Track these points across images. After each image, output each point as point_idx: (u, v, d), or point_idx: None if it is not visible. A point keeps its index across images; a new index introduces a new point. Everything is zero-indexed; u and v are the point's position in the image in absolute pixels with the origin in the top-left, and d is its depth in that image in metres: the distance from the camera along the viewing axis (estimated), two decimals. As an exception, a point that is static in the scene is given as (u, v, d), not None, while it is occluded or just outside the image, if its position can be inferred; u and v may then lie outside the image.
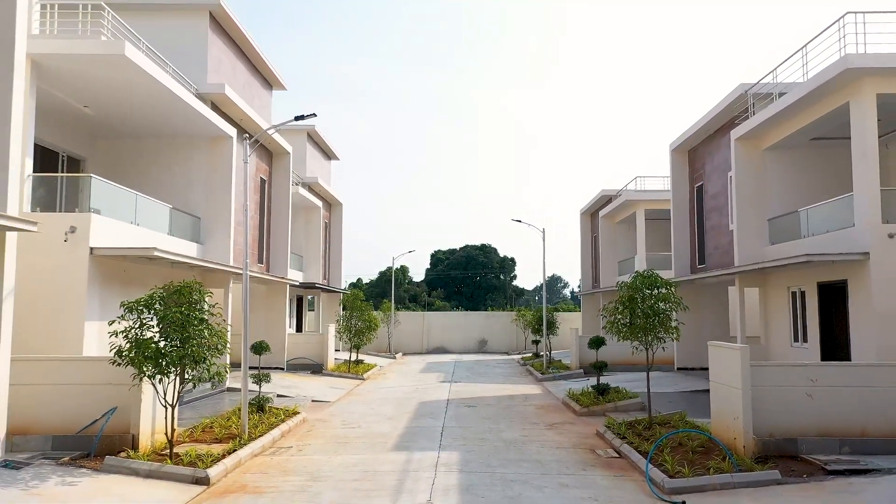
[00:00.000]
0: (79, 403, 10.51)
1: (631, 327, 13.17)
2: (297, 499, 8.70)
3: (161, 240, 15.79)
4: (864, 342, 14.02)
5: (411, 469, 10.35)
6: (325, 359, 24.91)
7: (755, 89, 18.37)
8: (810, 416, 10.52)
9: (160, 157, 18.57)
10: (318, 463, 10.77)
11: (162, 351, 9.71)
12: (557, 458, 11.22)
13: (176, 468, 9.53)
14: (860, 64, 13.54)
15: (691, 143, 23.81)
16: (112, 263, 14.05)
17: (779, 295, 18.41)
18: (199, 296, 10.34)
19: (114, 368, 10.19)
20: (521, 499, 8.67)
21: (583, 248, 41.12)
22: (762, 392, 10.49)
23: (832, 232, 15.47)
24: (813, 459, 9.94)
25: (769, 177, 18.92)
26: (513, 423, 14.78)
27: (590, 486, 9.33)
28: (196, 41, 18.94)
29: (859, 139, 14.27)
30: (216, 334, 10.35)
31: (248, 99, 22.53)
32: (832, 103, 14.97)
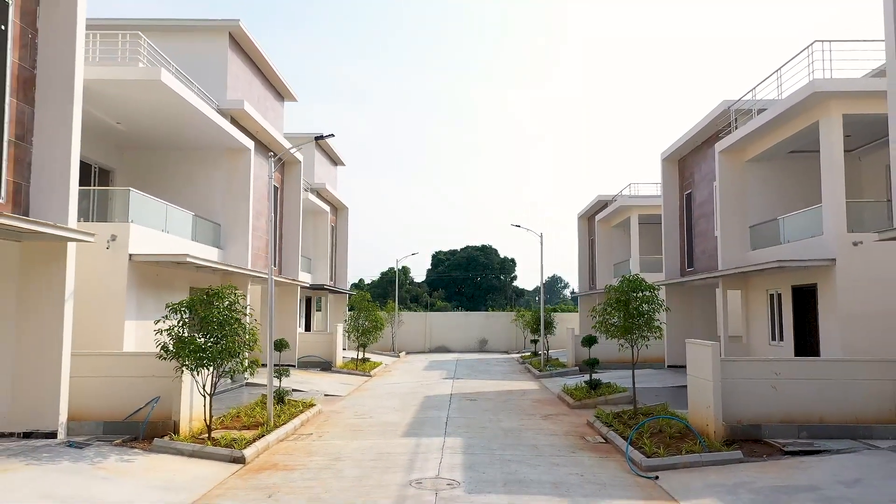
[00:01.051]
0: (126, 393, 11.86)
1: (618, 327, 14.54)
2: (324, 474, 10.06)
3: (186, 245, 17.17)
4: (831, 340, 15.40)
5: (420, 451, 11.71)
6: (334, 356, 26.29)
7: (737, 105, 19.74)
8: (774, 405, 11.87)
9: (183, 168, 19.94)
10: (337, 446, 12.14)
11: (202, 347, 11.08)
12: (550, 443, 12.58)
13: (216, 449, 10.89)
14: (826, 88, 14.91)
15: (681, 154, 25.19)
16: (146, 268, 15.43)
17: (758, 297, 19.79)
18: (234, 298, 11.70)
19: (157, 362, 11.55)
20: (517, 474, 10.03)
21: (580, 251, 42.49)
22: (731, 384, 11.85)
23: (805, 239, 16.85)
24: (774, 442, 11.30)
25: (751, 186, 20.30)
26: (511, 414, 16.14)
27: (577, 465, 10.69)
28: (217, 59, 20.31)
29: (827, 155, 15.65)
30: (249, 332, 11.72)
31: (263, 111, 23.89)
32: (803, 122, 16.35)
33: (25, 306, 10.92)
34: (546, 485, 9.42)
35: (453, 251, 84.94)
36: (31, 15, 10.97)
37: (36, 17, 11.10)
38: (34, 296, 10.95)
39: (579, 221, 42.43)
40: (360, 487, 9.27)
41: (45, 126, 11.10)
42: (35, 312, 10.92)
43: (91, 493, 8.40)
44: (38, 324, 10.91)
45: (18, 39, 10.66)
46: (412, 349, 41.71)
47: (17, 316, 10.87)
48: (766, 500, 8.36)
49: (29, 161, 10.95)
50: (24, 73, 10.80)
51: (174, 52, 18.69)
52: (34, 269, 10.97)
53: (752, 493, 8.71)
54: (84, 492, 8.39)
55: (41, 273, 10.98)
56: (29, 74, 10.93)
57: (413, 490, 9.11)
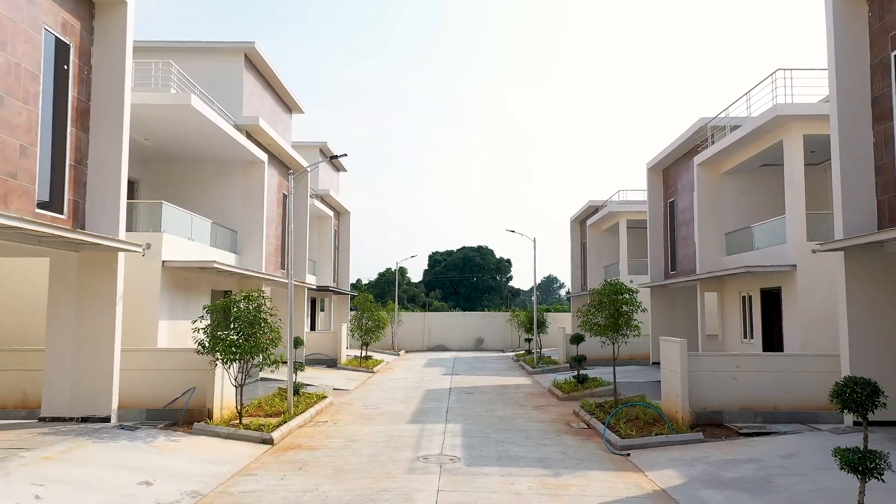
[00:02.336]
0: (165, 384, 13.49)
1: (601, 326, 16.23)
2: (343, 452, 11.71)
3: (207, 251, 18.77)
4: (793, 337, 17.12)
5: (425, 434, 13.37)
6: (339, 354, 27.93)
7: (713, 122, 21.45)
8: (734, 394, 13.56)
9: (202, 179, 21.56)
10: (351, 431, 13.79)
11: (235, 343, 12.72)
12: (539, 428, 14.26)
13: (247, 432, 12.53)
14: (787, 112, 16.63)
15: (664, 164, 26.90)
16: (176, 273, 17.06)
17: (732, 299, 21.52)
18: (261, 301, 13.34)
19: (192, 356, 13.19)
20: (508, 452, 11.70)
21: (573, 254, 44.20)
22: (697, 376, 13.55)
23: (772, 246, 18.56)
24: (733, 426, 13.00)
25: (726, 196, 22.02)
26: (505, 405, 17.82)
27: (561, 445, 12.36)
28: (233, 78, 21.94)
29: (789, 171, 17.37)
30: (274, 330, 13.36)
31: (273, 124, 25.51)
32: (769, 140, 18.07)
33: (82, 308, 12.53)
34: (533, 460, 11.09)
35: (450, 252, 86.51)
36: (86, 54, 12.59)
37: (90, 56, 12.72)
38: (89, 299, 12.56)
39: (571, 225, 44.13)
40: (375, 461, 10.93)
41: (98, 150, 12.72)
42: (90, 313, 12.54)
43: (154, 464, 10.04)
44: (93, 323, 12.53)
45: (77, 76, 12.28)
46: (411, 348, 43.36)
47: (75, 316, 12.48)
48: (715, 469, 10.05)
49: (85, 181, 12.57)
50: (81, 105, 12.42)
51: (195, 71, 20.30)
52: (89, 276, 12.59)
53: (705, 464, 10.41)
54: (148, 463, 10.03)
55: (95, 279, 12.60)
56: (85, 106, 12.55)
57: (421, 464, 10.78)
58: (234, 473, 10.11)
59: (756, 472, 9.75)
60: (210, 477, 9.75)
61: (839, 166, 12.50)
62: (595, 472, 10.28)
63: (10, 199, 10.47)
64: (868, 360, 12.17)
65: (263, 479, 9.83)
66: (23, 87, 10.76)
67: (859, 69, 12.52)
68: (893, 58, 11.81)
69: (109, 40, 12.87)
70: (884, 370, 12.10)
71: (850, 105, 12.51)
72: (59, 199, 11.81)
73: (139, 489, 8.81)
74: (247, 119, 21.39)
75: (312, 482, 9.61)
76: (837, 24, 12.65)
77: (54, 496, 8.08)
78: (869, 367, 12.15)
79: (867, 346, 12.22)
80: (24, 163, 10.80)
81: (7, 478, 8.52)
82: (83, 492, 8.41)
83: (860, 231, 12.22)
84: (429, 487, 9.30)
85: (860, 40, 12.53)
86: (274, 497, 8.86)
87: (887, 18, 11.98)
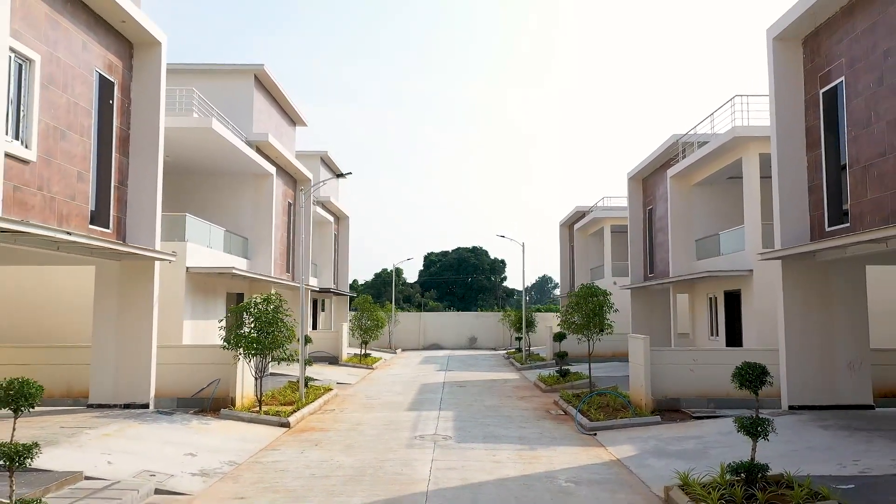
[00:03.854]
0: (193, 376, 15.39)
1: (578, 325, 18.21)
2: (351, 433, 13.63)
3: (221, 257, 20.66)
4: (750, 334, 19.14)
5: (421, 419, 15.32)
6: (340, 352, 29.84)
7: (684, 139, 23.48)
8: (691, 384, 15.54)
9: (216, 190, 23.44)
10: (356, 417, 15.73)
11: (256, 340, 14.64)
12: (522, 415, 16.22)
13: (267, 417, 14.45)
14: (744, 133, 18.65)
15: (643, 174, 28.93)
16: (197, 277, 18.96)
17: (701, 300, 23.55)
18: (278, 303, 15.27)
19: (217, 351, 15.11)
20: (493, 433, 13.65)
21: (561, 256, 46.24)
22: (659, 368, 15.53)
23: (734, 253, 20.58)
24: (688, 411, 14.99)
25: (697, 206, 24.04)
26: (493, 396, 19.78)
27: (539, 428, 14.33)
28: (244, 97, 23.85)
29: (748, 185, 19.40)
30: (290, 329, 15.29)
31: (279, 137, 27.39)
32: (730, 158, 20.10)
33: (124, 309, 14.43)
34: (513, 438, 13.06)
35: (445, 252, 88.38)
36: (126, 89, 14.49)
37: (130, 90, 14.62)
38: (130, 301, 14.46)
39: (560, 229, 46.17)
40: (379, 439, 12.88)
41: (136, 172, 14.62)
42: (131, 314, 14.43)
43: (193, 441, 11.96)
44: (133, 322, 14.42)
45: (119, 109, 14.18)
46: (407, 346, 45.30)
47: (118, 316, 14.38)
48: (664, 444, 12.04)
49: (125, 199, 14.47)
50: (122, 133, 14.32)
51: (210, 90, 22.18)
52: (130, 281, 14.48)
53: (657, 441, 12.39)
54: (188, 440, 11.95)
55: (135, 284, 14.49)
56: (125, 134, 14.45)
57: (418, 441, 12.73)
58: (260, 449, 12.04)
59: (696, 446, 11.74)
60: (241, 451, 11.68)
61: (778, 186, 14.50)
62: (564, 447, 12.25)
63: (70, 217, 12.37)
64: (801, 353, 14.19)
65: (286, 452, 11.77)
66: (79, 122, 12.66)
67: (795, 103, 14.53)
68: (821, 95, 13.82)
69: (146, 76, 14.77)
70: (814, 362, 14.13)
71: (787, 133, 14.52)
72: (105, 215, 13.71)
73: (186, 459, 10.73)
74: (257, 136, 23.28)
75: (327, 454, 11.55)
76: (777, 63, 14.65)
77: (121, 461, 10.01)
78: (801, 359, 14.18)
79: (800, 341, 14.23)
80: (80, 186, 12.70)
81: (81, 448, 10.44)
82: (142, 459, 10.33)
83: (796, 242, 14.22)
84: (425, 457, 11.26)
85: (796, 78, 14.54)
86: (297, 464, 10.80)
87: (816, 61, 13.99)
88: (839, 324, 14.22)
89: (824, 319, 14.25)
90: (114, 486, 8.78)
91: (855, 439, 11.21)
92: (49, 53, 11.66)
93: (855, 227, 12.56)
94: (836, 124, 13.34)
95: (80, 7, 12.68)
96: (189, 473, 9.94)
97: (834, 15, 13.31)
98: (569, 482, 9.71)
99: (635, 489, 9.42)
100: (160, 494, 8.99)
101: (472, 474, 10.10)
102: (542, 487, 9.42)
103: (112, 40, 13.87)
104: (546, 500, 8.78)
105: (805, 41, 14.45)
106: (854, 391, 14.05)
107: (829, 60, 13.57)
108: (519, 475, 10.12)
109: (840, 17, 13.13)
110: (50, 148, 11.71)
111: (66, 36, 12.20)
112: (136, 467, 9.86)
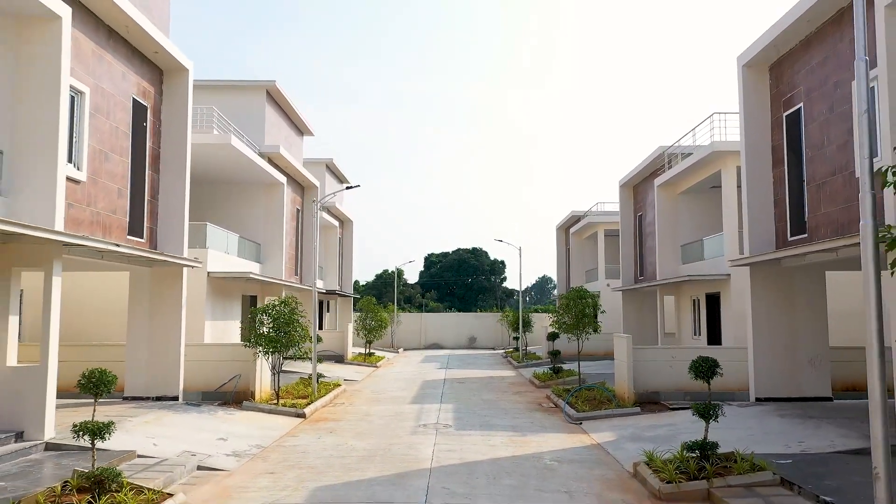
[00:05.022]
0: (215, 372, 16.90)
1: (568, 325, 19.73)
2: (360, 423, 15.15)
3: (236, 262, 22.18)
4: (728, 333, 20.66)
5: (424, 411, 16.84)
6: (345, 350, 31.36)
7: (670, 150, 25.00)
8: (670, 379, 17.03)
9: (230, 198, 24.97)
10: (365, 409, 17.25)
11: (274, 338, 16.16)
12: (516, 407, 17.74)
13: (285, 408, 15.97)
14: (722, 148, 20.18)
15: (633, 182, 30.46)
16: (216, 281, 20.48)
17: (686, 302, 25.08)
18: (294, 305, 16.79)
19: (238, 349, 16.64)
20: (489, 422, 15.17)
21: (558, 258, 47.77)
22: (640, 364, 17.04)
23: (715, 258, 22.09)
24: (666, 403, 16.50)
25: (682, 213, 25.56)
26: (490, 391, 21.30)
27: (530, 418, 15.85)
28: (257, 111, 25.39)
29: (726, 195, 20.92)
30: (304, 328, 16.81)
31: (288, 147, 28.92)
32: (711, 170, 21.62)
33: (155, 311, 15.95)
34: (507, 427, 14.58)
35: (445, 253, 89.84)
36: (157, 111, 16.02)
37: (160, 112, 16.14)
38: (160, 304, 15.98)
39: (557, 232, 47.71)
40: (386, 427, 14.41)
41: (166, 186, 16.15)
42: (161, 315, 15.95)
43: (222, 428, 13.49)
44: (163, 322, 15.94)
45: (152, 130, 15.71)
46: (409, 346, 46.82)
47: (150, 317, 15.90)
48: (640, 431, 13.55)
49: (156, 212, 16.00)
50: (154, 151, 15.85)
51: (225, 105, 23.71)
52: (160, 286, 16.00)
53: (634, 428, 13.91)
54: (218, 427, 13.48)
55: (165, 288, 16.01)
56: (156, 152, 15.98)
57: (421, 429, 14.26)
58: (282, 435, 13.56)
59: (668, 432, 13.25)
60: (265, 437, 13.20)
61: (747, 199, 16.02)
62: (552, 434, 13.77)
63: (112, 229, 13.89)
64: (767, 350, 15.70)
65: (304, 438, 13.29)
66: (119, 144, 14.19)
67: (763, 124, 16.05)
68: (785, 118, 15.34)
69: (175, 99, 16.30)
70: (779, 358, 15.65)
71: (755, 151, 16.04)
72: (139, 226, 15.23)
73: (219, 442, 12.25)
74: (269, 147, 24.81)
75: (341, 439, 13.08)
76: (746, 87, 16.17)
77: (164, 444, 11.53)
78: (768, 356, 15.70)
79: (767, 340, 15.74)
80: (120, 202, 14.23)
81: (128, 433, 11.96)
82: (181, 442, 11.85)
83: (763, 251, 15.73)
84: (428, 442, 12.79)
85: (763, 101, 16.06)
86: (315, 447, 12.32)
87: (780, 87, 15.51)
88: (802, 324, 15.73)
89: (788, 320, 15.77)
90: (164, 463, 10.31)
91: (806, 426, 12.73)
92: (95, 85, 13.19)
93: (812, 238, 14.08)
94: (798, 145, 14.86)
95: (121, 41, 14.21)
96: (223, 454, 11.47)
97: (794, 47, 14.83)
98: (553, 461, 11.23)
99: (610, 466, 10.94)
100: (202, 470, 10.51)
101: (470, 455, 11.63)
102: (530, 465, 10.94)
103: (146, 69, 15.40)
104: (532, 475, 10.30)
105: (771, 68, 15.98)
106: (814, 385, 15.56)
107: (790, 87, 15.09)
108: (510, 456, 11.64)
109: (799, 50, 14.66)
110: (96, 168, 13.24)
111: (108, 68, 13.73)
112: (177, 448, 11.38)
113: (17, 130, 10.99)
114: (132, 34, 14.21)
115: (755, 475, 9.18)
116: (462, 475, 10.25)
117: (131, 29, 13.98)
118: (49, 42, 11.01)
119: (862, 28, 6.38)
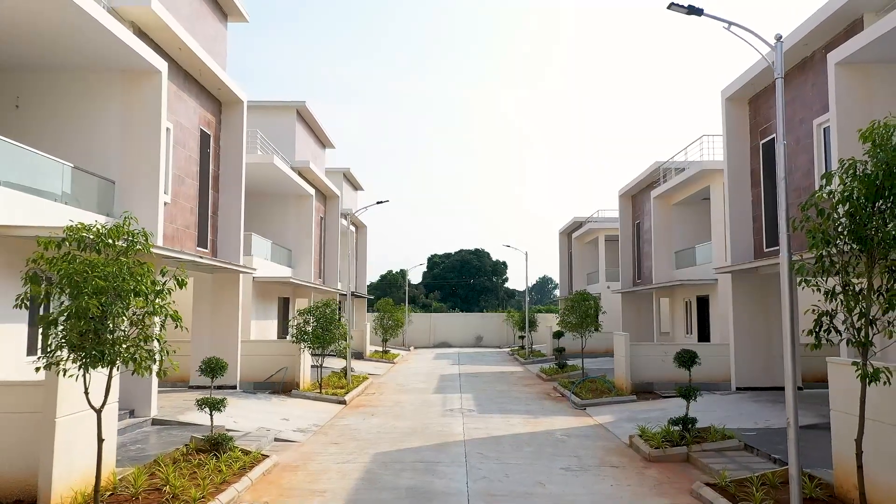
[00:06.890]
0: (264, 364, 19.34)
1: (572, 324, 22.18)
2: (395, 409, 17.58)
3: (272, 267, 24.61)
4: (715, 333, 23.09)
5: (447, 399, 19.29)
6: (364, 348, 33.81)
7: (664, 165, 27.44)
8: (662, 372, 19.43)
9: (265, 208, 27.37)
10: (395, 398, 19.70)
11: (318, 335, 18.61)
12: (527, 396, 20.19)
13: (328, 396, 18.41)
14: (710, 167, 22.62)
15: (632, 192, 32.89)
16: (259, 285, 22.94)
17: (679, 304, 27.51)
18: (334, 306, 19.25)
19: (284, 344, 19.13)
20: (505, 407, 17.61)
21: (560, 261, 50.19)
22: (637, 359, 19.47)
23: (705, 264, 24.51)
24: (658, 392, 18.94)
25: (676, 222, 27.99)
26: (502, 384, 23.75)
27: (540, 405, 18.30)
28: (287, 129, 27.82)
29: (713, 209, 23.35)
30: (343, 327, 19.27)
31: (314, 160, 31.34)
32: (700, 185, 24.07)
33: (216, 311, 18.39)
34: (521, 411, 17.03)
35: (448, 254, 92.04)
36: (217, 138, 18.46)
37: (220, 139, 18.59)
38: (221, 305, 18.42)
39: (560, 236, 50.14)
40: (419, 412, 16.86)
41: (225, 203, 18.59)
42: (222, 315, 18.39)
43: (281, 410, 15.93)
44: (224, 322, 18.38)
45: (213, 155, 18.15)
46: (419, 345, 49.30)
47: (212, 318, 18.34)
48: (634, 414, 15.99)
49: (217, 226, 18.44)
50: (214, 174, 18.29)
51: (260, 123, 26.14)
52: (221, 289, 18.44)
53: (630, 412, 16.36)
54: (276, 410, 15.92)
55: (224, 292, 18.45)
56: (217, 174, 18.43)
57: (449, 413, 16.71)
58: (332, 417, 16.01)
59: (658, 415, 15.67)
60: (319, 418, 15.64)
61: (729, 215, 18.46)
62: (560, 417, 16.22)
63: (185, 242, 16.34)
64: (746, 346, 18.13)
65: (352, 419, 15.73)
66: (191, 169, 16.63)
67: (743, 149, 18.48)
68: (761, 145, 17.78)
69: (232, 127, 18.75)
70: (756, 353, 18.07)
71: (736, 173, 18.47)
72: (204, 238, 17.67)
73: (283, 422, 14.70)
74: (300, 162, 27.24)
75: (384, 420, 15.53)
76: (729, 117, 18.61)
77: (242, 421, 13.98)
78: (746, 351, 18.13)
79: (746, 337, 18.17)
80: (191, 218, 16.68)
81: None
82: (253, 421, 14.28)
83: (743, 260, 18.17)
84: (457, 422, 15.24)
85: (743, 130, 18.50)
86: (364, 426, 14.77)
87: (758, 119, 17.96)
88: (776, 323, 18.15)
89: (765, 320, 18.20)
90: (248, 436, 12.75)
91: (773, 408, 15.18)
92: (177, 121, 15.64)
93: (782, 250, 16.50)
94: (772, 169, 17.29)
95: (193, 82, 16.67)
96: (291, 430, 13.92)
97: (768, 85, 17.27)
98: (563, 436, 13.69)
99: (609, 440, 13.39)
100: (279, 441, 12.95)
101: (494, 431, 14.08)
102: (544, 438, 13.40)
103: (210, 102, 17.85)
104: (547, 445, 12.75)
105: (750, 101, 18.42)
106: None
107: (766, 119, 17.53)
108: (527, 432, 14.10)
109: (772, 88, 17.08)
110: (176, 191, 15.69)
111: (185, 106, 16.18)
112: (254, 425, 13.83)
113: (125, 164, 13.42)
114: (203, 76, 16.66)
115: (725, 442, 11.63)
116: (490, 445, 12.70)
117: (203, 72, 16.43)
118: (151, 91, 13.45)
119: (782, 111, 8.78)
